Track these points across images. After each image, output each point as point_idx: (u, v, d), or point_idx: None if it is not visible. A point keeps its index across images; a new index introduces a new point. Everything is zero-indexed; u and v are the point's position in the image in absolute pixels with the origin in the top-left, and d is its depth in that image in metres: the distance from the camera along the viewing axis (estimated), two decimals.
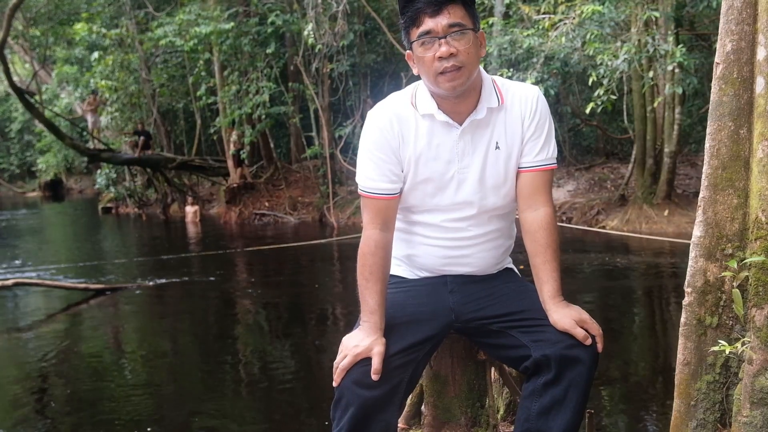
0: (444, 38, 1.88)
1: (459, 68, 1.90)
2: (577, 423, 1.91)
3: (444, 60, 1.89)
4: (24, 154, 36.17)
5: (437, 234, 2.10)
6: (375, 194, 2.05)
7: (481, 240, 2.11)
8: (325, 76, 15.46)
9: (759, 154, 1.83)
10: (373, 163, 2.05)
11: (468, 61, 1.91)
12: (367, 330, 1.95)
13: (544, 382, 1.90)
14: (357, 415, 1.86)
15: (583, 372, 1.88)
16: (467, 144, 2.03)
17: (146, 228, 16.98)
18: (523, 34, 9.99)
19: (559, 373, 1.88)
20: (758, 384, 1.79)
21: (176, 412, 4.26)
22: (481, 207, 2.06)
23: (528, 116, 2.05)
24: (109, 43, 18.65)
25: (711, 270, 1.93)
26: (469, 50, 1.91)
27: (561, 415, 1.89)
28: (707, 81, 14.34)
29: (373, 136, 2.05)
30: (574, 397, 1.88)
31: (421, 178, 2.04)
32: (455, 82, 1.91)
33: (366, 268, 2.02)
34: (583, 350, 1.89)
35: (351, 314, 6.41)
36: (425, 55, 1.92)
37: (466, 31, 1.90)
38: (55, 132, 18.76)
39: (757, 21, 1.85)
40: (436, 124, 2.02)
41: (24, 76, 27.37)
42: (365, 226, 2.08)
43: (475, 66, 1.96)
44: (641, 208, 11.65)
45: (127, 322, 7.00)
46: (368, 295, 2.00)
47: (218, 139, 18.99)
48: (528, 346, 1.94)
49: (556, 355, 1.89)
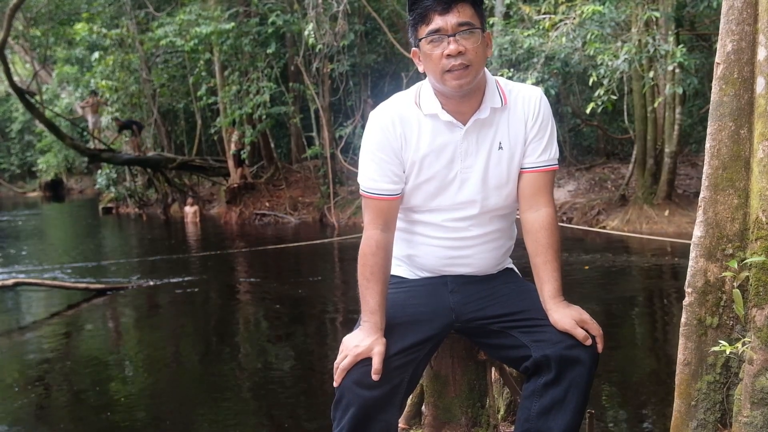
0: (453, 36, 1.89)
1: (466, 67, 1.91)
2: (578, 423, 1.91)
3: (452, 58, 1.90)
4: (24, 154, 36.19)
5: (438, 234, 2.10)
6: (376, 195, 2.05)
7: (482, 240, 2.11)
8: (325, 76, 15.45)
9: (759, 154, 1.83)
10: (375, 164, 2.05)
11: (475, 60, 1.93)
12: (367, 330, 1.95)
13: (544, 382, 1.90)
14: (357, 415, 1.86)
15: (584, 372, 1.88)
16: (471, 144, 2.03)
17: (147, 228, 16.98)
18: (523, 35, 9.99)
19: (560, 373, 1.88)
20: (759, 384, 1.79)
21: (176, 413, 4.26)
22: (483, 207, 2.06)
23: (531, 117, 2.06)
24: (110, 43, 18.65)
25: (711, 270, 1.93)
26: (476, 49, 1.92)
27: (561, 415, 1.89)
28: (708, 81, 14.33)
29: (376, 137, 2.05)
30: (574, 398, 1.88)
31: (424, 177, 2.05)
32: (462, 81, 1.92)
33: (367, 269, 2.02)
34: (584, 350, 1.89)
35: (351, 314, 6.41)
36: (433, 53, 1.92)
37: (474, 30, 1.91)
38: (56, 132, 18.76)
39: (757, 21, 1.85)
40: (440, 124, 2.02)
41: (24, 77, 27.36)
42: (366, 226, 2.08)
43: (482, 66, 1.97)
44: (642, 209, 11.65)
45: (128, 322, 7.00)
46: (369, 295, 2.00)
47: (219, 139, 18.99)
48: (528, 346, 1.94)
49: (556, 355, 1.89)
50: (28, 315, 7.31)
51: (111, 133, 21.03)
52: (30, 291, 8.26)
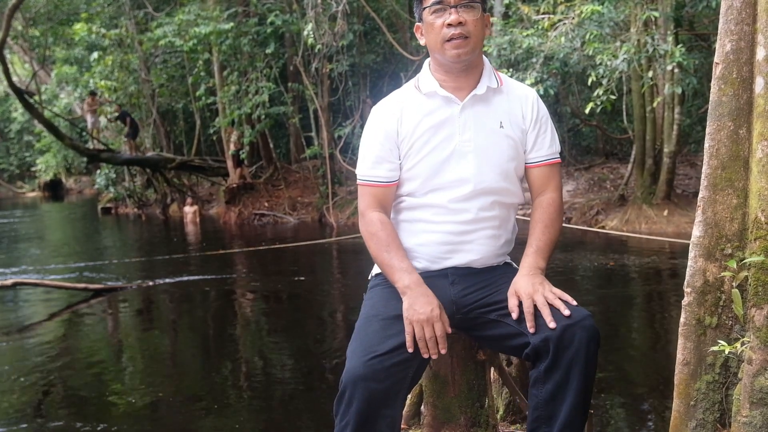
0: (454, 7, 2.03)
1: (466, 38, 2.04)
2: (584, 403, 1.91)
3: (452, 27, 2.03)
4: (23, 154, 36.20)
5: (439, 217, 2.15)
6: (372, 182, 2.17)
7: (482, 226, 2.16)
8: (324, 76, 15.45)
9: (758, 154, 1.83)
10: (372, 152, 2.17)
11: (474, 33, 2.06)
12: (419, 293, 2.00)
13: (545, 368, 1.91)
14: (362, 409, 1.85)
15: (581, 351, 1.88)
16: (468, 118, 2.13)
17: (146, 228, 16.98)
18: (522, 34, 9.99)
19: (557, 356, 1.89)
20: (758, 384, 1.79)
21: (176, 414, 4.26)
22: (478, 182, 2.12)
23: (530, 114, 2.18)
24: (109, 44, 18.65)
25: (710, 270, 1.93)
26: (476, 22, 2.06)
27: (567, 398, 1.89)
28: (707, 81, 14.35)
29: (373, 126, 2.19)
30: (575, 379, 1.88)
31: (425, 153, 2.13)
32: (461, 50, 2.05)
33: (382, 241, 2.12)
34: (579, 330, 1.89)
35: (351, 315, 6.41)
36: (435, 22, 2.06)
37: (475, 4, 2.05)
38: (55, 132, 18.76)
39: (756, 21, 1.85)
40: (438, 100, 2.14)
41: (23, 77, 27.32)
42: (362, 212, 2.18)
43: (480, 40, 2.10)
44: (641, 208, 11.65)
45: (127, 322, 7.00)
46: (396, 259, 2.09)
47: (218, 140, 18.98)
48: (525, 333, 1.95)
49: (552, 338, 1.89)
50: (26, 315, 7.31)
51: (110, 133, 21.03)
52: (29, 291, 8.25)
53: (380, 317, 2.02)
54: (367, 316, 2.06)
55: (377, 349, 1.90)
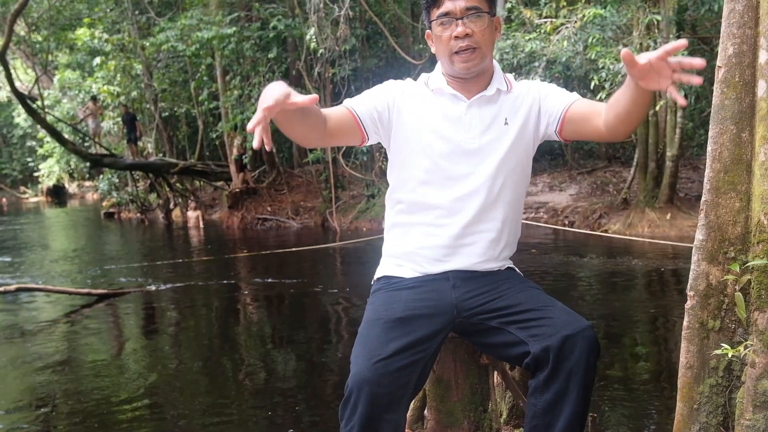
0: (461, 19, 2.00)
1: (474, 49, 2.03)
2: (582, 413, 1.91)
3: (460, 40, 2.01)
4: (26, 159, 36.26)
5: (440, 219, 2.13)
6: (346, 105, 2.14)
7: (483, 227, 2.14)
8: (327, 80, 15.47)
9: (761, 157, 1.83)
10: (364, 95, 2.16)
11: (482, 43, 2.04)
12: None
13: (544, 377, 1.92)
14: (366, 413, 1.86)
15: (581, 362, 1.88)
16: (474, 116, 2.12)
17: (148, 233, 16.98)
18: (524, 38, 10.00)
19: (557, 366, 1.89)
20: (761, 387, 1.79)
21: (178, 419, 4.26)
22: (480, 178, 2.11)
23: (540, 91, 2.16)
24: (111, 49, 18.68)
25: (713, 273, 1.93)
26: (484, 32, 2.03)
27: (565, 408, 1.90)
28: (709, 84, 14.32)
29: (378, 87, 2.20)
30: (574, 389, 1.88)
31: (427, 145, 2.12)
32: (469, 63, 2.04)
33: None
34: (579, 341, 1.89)
35: (355, 319, 6.41)
36: (443, 35, 2.05)
37: (482, 14, 2.02)
38: (58, 137, 18.78)
39: (758, 24, 1.85)
40: (445, 97, 2.14)
41: (26, 82, 27.43)
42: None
43: (489, 49, 2.08)
44: (643, 212, 11.64)
45: (130, 327, 7.00)
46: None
47: (220, 144, 19.00)
48: (527, 342, 1.95)
49: (552, 347, 1.89)
50: (29, 320, 7.31)
51: (113, 138, 21.05)
52: (32, 296, 8.26)
53: (382, 320, 2.02)
54: (369, 320, 2.06)
55: (380, 352, 1.90)
